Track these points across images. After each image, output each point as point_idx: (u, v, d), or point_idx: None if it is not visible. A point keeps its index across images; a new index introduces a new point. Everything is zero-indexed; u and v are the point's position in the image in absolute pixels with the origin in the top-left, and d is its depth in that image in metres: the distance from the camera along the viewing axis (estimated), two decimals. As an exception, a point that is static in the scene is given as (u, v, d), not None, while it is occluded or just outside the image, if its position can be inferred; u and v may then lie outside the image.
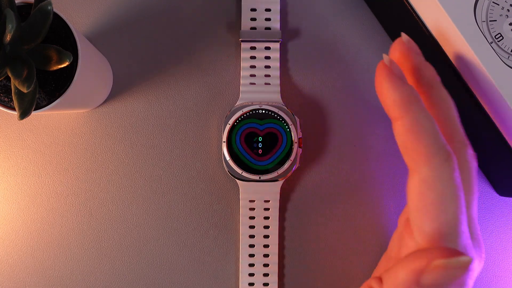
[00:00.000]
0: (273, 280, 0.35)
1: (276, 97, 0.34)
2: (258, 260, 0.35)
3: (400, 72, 0.24)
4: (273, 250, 0.35)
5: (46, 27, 0.25)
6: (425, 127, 0.23)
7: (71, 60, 0.25)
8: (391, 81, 0.24)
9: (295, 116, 0.34)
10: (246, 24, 0.35)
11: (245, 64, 0.35)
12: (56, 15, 0.28)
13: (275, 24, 0.35)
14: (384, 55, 0.25)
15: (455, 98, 0.33)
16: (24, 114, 0.26)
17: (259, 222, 0.35)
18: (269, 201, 0.34)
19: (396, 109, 0.24)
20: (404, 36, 0.26)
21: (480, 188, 0.36)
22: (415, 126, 0.23)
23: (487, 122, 0.31)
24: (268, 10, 0.35)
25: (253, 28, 0.35)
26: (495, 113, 0.30)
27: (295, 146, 0.33)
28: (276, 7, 0.35)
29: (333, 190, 0.36)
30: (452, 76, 0.31)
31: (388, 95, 0.24)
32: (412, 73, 0.26)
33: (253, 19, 0.35)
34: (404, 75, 0.25)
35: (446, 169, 0.23)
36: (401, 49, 0.26)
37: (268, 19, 0.35)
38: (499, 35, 0.28)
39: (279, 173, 0.33)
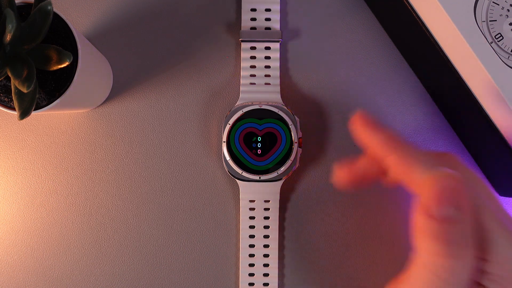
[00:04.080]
0: (273, 280, 0.35)
1: (276, 97, 0.34)
2: (258, 260, 0.35)
3: (375, 120, 0.26)
4: (273, 250, 0.35)
5: (46, 27, 0.25)
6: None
7: (71, 60, 0.25)
8: (371, 127, 0.26)
9: (295, 116, 0.34)
10: (246, 24, 0.35)
11: (245, 64, 0.35)
12: (56, 15, 0.28)
13: (275, 24, 0.35)
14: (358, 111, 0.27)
15: (455, 98, 0.33)
16: (24, 114, 0.26)
17: (259, 222, 0.35)
18: (269, 201, 0.34)
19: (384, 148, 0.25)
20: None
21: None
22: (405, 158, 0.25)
23: (487, 122, 0.31)
24: (268, 10, 0.35)
25: (253, 28, 0.35)
26: (495, 113, 0.30)
27: (295, 146, 0.33)
28: (276, 7, 0.35)
29: (333, 190, 0.36)
30: (452, 76, 0.31)
31: (371, 139, 0.26)
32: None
33: (253, 19, 0.35)
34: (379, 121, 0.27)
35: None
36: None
37: (268, 19, 0.35)
38: (499, 35, 0.28)
39: (279, 173, 0.33)
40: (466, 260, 0.22)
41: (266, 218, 0.35)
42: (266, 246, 0.35)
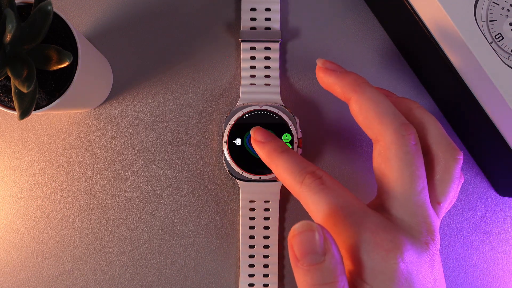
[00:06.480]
0: (273, 280, 0.35)
1: (276, 97, 0.34)
2: (258, 260, 0.35)
3: (335, 66, 0.28)
4: (273, 250, 0.35)
5: (46, 27, 0.25)
6: (374, 100, 0.26)
7: (71, 60, 0.25)
8: (331, 75, 0.28)
9: (295, 117, 0.34)
10: (246, 24, 0.35)
11: (245, 64, 0.35)
12: (56, 15, 0.28)
13: (275, 24, 0.35)
14: (318, 60, 0.29)
15: (455, 98, 0.33)
16: (24, 114, 0.26)
17: (259, 223, 0.35)
18: (269, 201, 0.34)
19: (346, 92, 0.27)
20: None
21: (480, 188, 0.36)
22: (365, 100, 0.26)
23: (487, 122, 0.31)
24: (268, 10, 0.35)
25: (253, 28, 0.35)
26: (495, 113, 0.30)
27: (295, 146, 0.33)
28: (276, 7, 0.35)
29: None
30: (452, 76, 0.31)
31: (334, 85, 0.28)
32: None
33: (253, 19, 0.35)
34: (340, 66, 0.28)
35: (400, 135, 0.25)
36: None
37: (268, 19, 0.35)
38: (499, 35, 0.28)
39: (279, 173, 0.33)
40: None
41: (266, 218, 0.35)
42: (266, 246, 0.35)
